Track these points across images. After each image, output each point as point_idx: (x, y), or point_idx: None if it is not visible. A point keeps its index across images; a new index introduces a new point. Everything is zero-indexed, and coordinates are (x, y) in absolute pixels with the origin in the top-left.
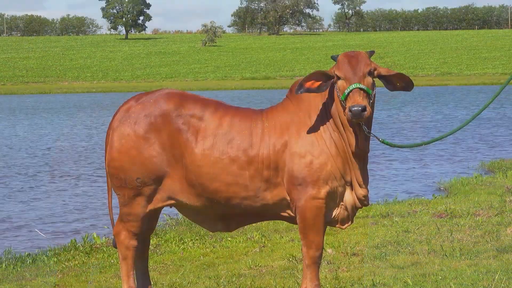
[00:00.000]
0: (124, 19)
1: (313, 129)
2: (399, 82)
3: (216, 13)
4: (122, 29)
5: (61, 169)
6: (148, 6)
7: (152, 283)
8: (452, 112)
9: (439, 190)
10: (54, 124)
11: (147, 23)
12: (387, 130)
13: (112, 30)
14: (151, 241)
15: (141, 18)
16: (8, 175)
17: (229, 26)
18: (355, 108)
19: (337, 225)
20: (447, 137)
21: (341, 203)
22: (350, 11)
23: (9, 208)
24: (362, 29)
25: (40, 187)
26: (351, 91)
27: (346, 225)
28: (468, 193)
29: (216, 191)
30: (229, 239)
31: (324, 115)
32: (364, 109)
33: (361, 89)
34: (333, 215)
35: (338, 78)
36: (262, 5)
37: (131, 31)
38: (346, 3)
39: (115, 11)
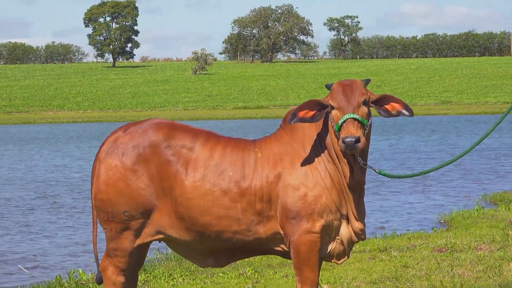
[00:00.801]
0: (111, 46)
1: (307, 161)
2: (393, 109)
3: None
4: (109, 57)
5: (45, 201)
6: (136, 33)
7: None
8: (453, 142)
9: (439, 223)
10: (37, 155)
11: (135, 51)
12: (387, 161)
13: (98, 57)
14: (139, 277)
15: (129, 45)
16: None
17: (220, 53)
18: (348, 139)
19: (333, 260)
20: (446, 166)
21: (337, 237)
22: (346, 38)
23: None
24: (358, 57)
25: (26, 220)
26: (344, 121)
27: (343, 260)
28: (469, 227)
29: (207, 225)
30: (221, 274)
31: (319, 146)
32: (357, 140)
33: (355, 119)
34: (328, 250)
35: (332, 107)
36: (254, 31)
37: (119, 59)
38: (342, 29)
39: (102, 38)
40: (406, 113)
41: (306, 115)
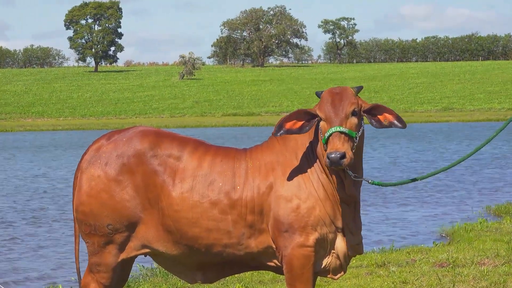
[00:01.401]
0: (93, 50)
1: (300, 171)
2: (385, 119)
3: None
4: (91, 61)
5: (24, 212)
6: (120, 35)
7: None
8: (454, 150)
9: (440, 236)
10: (16, 165)
11: (118, 54)
12: (387, 171)
13: (80, 62)
14: None
15: (112, 48)
16: None
17: (209, 58)
18: (333, 156)
19: (328, 275)
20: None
21: (332, 251)
22: (342, 41)
23: None
24: (355, 61)
25: (1, 233)
26: (330, 135)
27: (339, 275)
28: (472, 240)
29: (196, 238)
30: None
31: (312, 155)
32: (343, 156)
33: (341, 132)
34: (324, 265)
35: (320, 118)
36: (245, 34)
37: (101, 63)
38: (337, 32)
39: (83, 41)
40: (399, 124)
41: (293, 126)
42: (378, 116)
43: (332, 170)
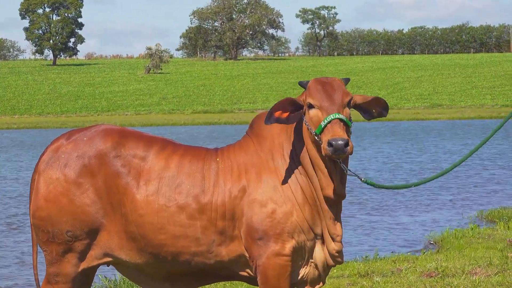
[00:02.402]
0: (51, 41)
1: (276, 173)
2: (375, 109)
3: (162, 34)
4: (49, 54)
5: None
6: (80, 26)
7: None
8: (444, 151)
9: (428, 244)
10: None
11: (79, 46)
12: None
13: (37, 54)
14: None
15: (72, 40)
16: None
17: (177, 50)
18: (339, 142)
19: (306, 287)
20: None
21: (310, 260)
22: (322, 32)
23: None
24: (336, 53)
25: None
26: (329, 122)
27: (317, 286)
28: (463, 248)
29: (162, 245)
30: None
31: (290, 156)
32: (347, 143)
33: (341, 120)
34: (301, 275)
35: (311, 107)
36: (216, 24)
37: (60, 56)
38: (317, 22)
39: (40, 32)
40: (385, 113)
41: (281, 116)
42: (368, 107)
43: (319, 167)
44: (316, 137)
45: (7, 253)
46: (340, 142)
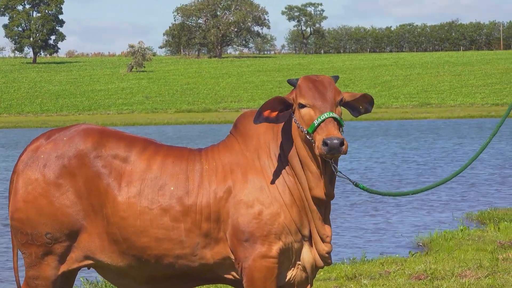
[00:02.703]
0: (31, 38)
1: (262, 173)
2: (362, 105)
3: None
4: (29, 51)
5: None
6: (61, 23)
7: None
8: (431, 152)
9: (417, 246)
10: None
11: (60, 44)
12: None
13: (17, 52)
14: None
15: (53, 37)
16: None
17: (160, 47)
18: (334, 141)
19: None
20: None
21: (298, 262)
22: (308, 29)
23: None
24: (322, 51)
25: None
26: (323, 120)
27: None
28: (452, 250)
29: (144, 248)
30: None
31: (277, 155)
32: (342, 142)
33: (335, 119)
34: (288, 278)
35: (302, 106)
36: (200, 21)
37: (40, 54)
38: (303, 19)
39: (20, 29)
40: (370, 108)
41: (270, 115)
42: (356, 105)
43: (309, 166)
44: (308, 136)
45: None
46: (335, 141)
